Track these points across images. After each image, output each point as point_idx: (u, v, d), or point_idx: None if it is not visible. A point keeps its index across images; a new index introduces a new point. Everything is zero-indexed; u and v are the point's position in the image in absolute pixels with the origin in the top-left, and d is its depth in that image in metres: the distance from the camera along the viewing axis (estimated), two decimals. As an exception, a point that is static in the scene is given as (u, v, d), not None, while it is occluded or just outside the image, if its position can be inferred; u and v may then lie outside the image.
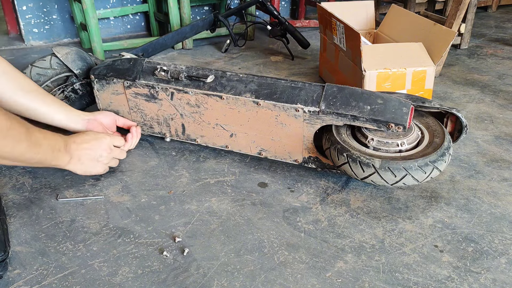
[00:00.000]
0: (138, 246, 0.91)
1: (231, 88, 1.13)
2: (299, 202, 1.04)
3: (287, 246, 0.90)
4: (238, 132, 1.18)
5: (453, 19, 1.85)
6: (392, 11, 1.74)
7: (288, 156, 1.16)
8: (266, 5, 2.09)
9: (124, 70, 1.24)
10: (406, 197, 1.05)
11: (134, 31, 2.61)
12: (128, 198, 1.06)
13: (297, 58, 2.11)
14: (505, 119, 1.44)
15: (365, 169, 0.97)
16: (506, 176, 1.13)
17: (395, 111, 1.01)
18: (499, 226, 0.95)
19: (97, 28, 2.02)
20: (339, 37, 1.52)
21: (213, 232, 0.94)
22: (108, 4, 2.48)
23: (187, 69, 1.19)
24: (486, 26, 2.61)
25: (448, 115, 1.13)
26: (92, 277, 0.83)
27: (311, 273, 0.83)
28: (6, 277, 0.83)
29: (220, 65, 2.04)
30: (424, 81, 1.39)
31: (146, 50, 1.72)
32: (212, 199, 1.06)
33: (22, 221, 0.98)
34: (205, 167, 1.19)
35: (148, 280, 0.82)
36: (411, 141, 1.03)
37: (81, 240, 0.92)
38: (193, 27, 1.95)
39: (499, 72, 1.87)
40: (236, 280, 0.82)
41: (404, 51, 1.42)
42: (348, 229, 0.95)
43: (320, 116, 1.05)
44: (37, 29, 2.39)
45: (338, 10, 1.62)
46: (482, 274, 0.83)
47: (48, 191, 1.09)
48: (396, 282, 0.81)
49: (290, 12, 3.04)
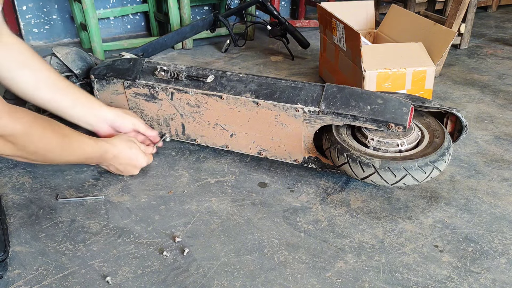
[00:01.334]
0: (138, 246, 0.91)
1: (231, 88, 1.13)
2: (299, 202, 1.04)
3: (287, 246, 0.90)
4: (238, 132, 1.18)
5: (453, 19, 1.85)
6: (392, 11, 1.74)
7: (288, 156, 1.16)
8: (266, 5, 2.08)
9: (124, 70, 1.24)
10: (406, 197, 1.05)
11: (134, 31, 2.61)
12: (128, 198, 1.06)
13: (297, 58, 2.11)
14: (505, 119, 1.44)
15: (365, 169, 0.97)
16: (506, 176, 1.13)
17: (395, 111, 1.01)
18: (499, 226, 0.95)
19: (97, 28, 2.02)
20: (339, 37, 1.52)
21: (213, 232, 0.94)
22: (108, 4, 2.48)
23: (187, 69, 1.19)
24: (486, 26, 2.61)
25: (448, 115, 1.13)
26: (92, 277, 0.83)
27: (311, 273, 0.83)
28: (6, 277, 0.83)
29: (220, 65, 2.04)
30: (424, 81, 1.39)
31: (146, 50, 1.72)
32: (212, 199, 1.06)
33: (22, 221, 0.98)
34: (205, 167, 1.19)
35: (148, 280, 0.82)
36: (411, 141, 1.03)
37: (81, 240, 0.92)
38: (193, 27, 1.95)
39: (499, 72, 1.87)
40: (236, 280, 0.82)
41: (404, 51, 1.42)
42: (348, 229, 0.95)
43: (320, 116, 1.05)
44: (37, 29, 2.39)
45: (338, 10, 1.62)
46: (482, 274, 0.83)
47: (48, 191, 1.09)
48: (396, 282, 0.81)
49: (290, 12, 3.04)
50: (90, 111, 1.12)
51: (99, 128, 1.14)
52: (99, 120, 1.13)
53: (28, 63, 1.03)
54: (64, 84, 1.09)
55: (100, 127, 1.14)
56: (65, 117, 1.11)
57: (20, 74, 1.03)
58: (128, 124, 1.16)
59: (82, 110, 1.11)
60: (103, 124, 1.14)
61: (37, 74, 1.05)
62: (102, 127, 1.14)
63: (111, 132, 1.16)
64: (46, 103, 1.08)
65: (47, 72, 1.07)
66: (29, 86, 1.04)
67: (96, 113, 1.12)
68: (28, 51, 1.04)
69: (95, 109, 1.12)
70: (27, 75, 1.03)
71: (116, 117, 1.14)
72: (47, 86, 1.07)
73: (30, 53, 1.04)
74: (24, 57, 1.03)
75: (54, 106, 1.09)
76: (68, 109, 1.10)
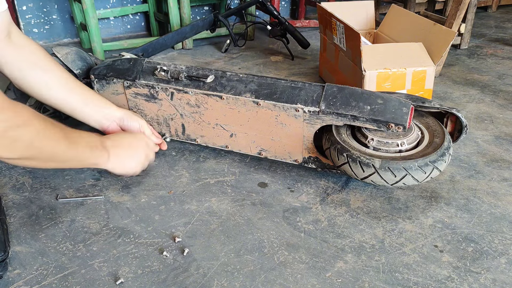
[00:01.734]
0: (138, 246, 0.91)
1: (231, 88, 1.13)
2: (299, 202, 1.04)
3: (287, 246, 0.90)
4: (238, 132, 1.18)
5: (453, 19, 1.85)
6: (392, 11, 1.74)
7: (288, 156, 1.16)
8: (266, 5, 2.08)
9: (124, 70, 1.24)
10: (406, 197, 1.05)
11: (134, 31, 2.61)
12: (128, 198, 1.06)
13: (297, 58, 2.11)
14: (505, 119, 1.44)
15: (365, 169, 0.97)
16: (506, 176, 1.13)
17: (395, 111, 1.01)
18: (499, 226, 0.95)
19: (97, 28, 2.02)
20: (339, 37, 1.52)
21: (213, 232, 0.94)
22: (108, 4, 2.48)
23: (187, 69, 1.19)
24: (486, 26, 2.61)
25: (448, 115, 1.13)
26: (92, 277, 0.83)
27: (311, 273, 0.83)
28: (6, 277, 0.83)
29: (220, 65, 2.04)
30: (424, 81, 1.39)
31: (146, 50, 1.72)
32: (212, 199, 1.06)
33: (22, 221, 0.98)
34: (205, 167, 1.19)
35: (148, 280, 0.82)
36: (411, 141, 1.03)
37: (81, 240, 0.92)
38: (193, 27, 1.95)
39: (499, 72, 1.87)
40: (236, 280, 0.82)
41: (404, 51, 1.42)
42: (348, 229, 0.95)
43: (320, 116, 1.05)
44: (37, 29, 2.39)
45: (338, 10, 1.62)
46: (482, 274, 0.83)
47: (48, 191, 1.09)
48: (396, 282, 0.81)
49: (290, 12, 3.04)
50: (100, 110, 1.13)
51: (108, 127, 1.15)
52: (108, 119, 1.14)
53: (39, 63, 1.04)
54: (75, 84, 1.10)
55: (108, 126, 1.14)
56: (76, 116, 1.12)
57: (31, 74, 1.03)
58: (135, 124, 1.16)
59: (92, 109, 1.12)
60: (112, 123, 1.14)
61: (49, 74, 1.05)
62: (110, 126, 1.15)
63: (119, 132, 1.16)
64: (58, 102, 1.09)
65: (58, 72, 1.08)
66: (41, 86, 1.05)
67: (106, 112, 1.13)
68: (39, 51, 1.04)
69: (104, 108, 1.13)
70: (39, 75, 1.04)
71: (124, 116, 1.15)
72: (58, 85, 1.07)
73: (42, 53, 1.05)
74: (35, 57, 1.03)
75: (66, 105, 1.10)
76: (78, 108, 1.11)
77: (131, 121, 1.16)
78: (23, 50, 1.02)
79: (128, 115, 1.16)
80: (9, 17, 0.98)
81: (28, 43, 1.03)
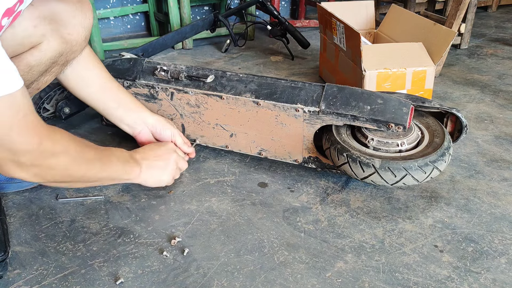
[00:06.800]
0: (138, 246, 0.91)
1: (231, 88, 1.13)
2: (299, 202, 1.04)
3: (287, 246, 0.90)
4: (238, 132, 1.18)
5: (453, 19, 1.85)
6: (392, 11, 1.74)
7: (288, 156, 1.16)
8: (266, 5, 2.08)
9: (124, 70, 1.24)
10: (406, 197, 1.05)
11: (134, 31, 2.61)
12: (128, 198, 1.06)
13: (297, 58, 2.11)
14: (505, 119, 1.44)
15: (365, 169, 0.97)
16: (506, 176, 1.13)
17: (395, 111, 1.01)
18: (499, 226, 0.95)
19: (97, 28, 2.02)
20: (339, 37, 1.52)
21: (213, 232, 0.94)
22: (108, 4, 2.48)
23: (187, 69, 1.19)
24: (486, 26, 2.61)
25: (448, 115, 1.13)
26: (92, 277, 0.83)
27: (311, 273, 0.83)
28: (6, 277, 0.83)
29: (220, 65, 2.04)
30: (424, 81, 1.39)
31: (146, 50, 1.71)
32: (212, 199, 1.06)
33: (22, 221, 0.98)
34: (205, 167, 1.19)
35: (148, 280, 0.82)
36: (411, 141, 1.03)
37: (81, 240, 0.92)
38: (193, 27, 1.95)
39: (499, 72, 1.87)
40: (236, 280, 0.82)
41: (404, 51, 1.42)
42: (348, 229, 0.95)
43: (320, 116, 1.05)
44: (37, 29, 2.39)
45: (338, 10, 1.62)
46: (482, 274, 0.83)
47: (48, 191, 1.09)
48: (396, 282, 0.81)
49: (290, 12, 3.04)
50: (132, 113, 1.12)
51: (139, 132, 1.13)
52: (140, 123, 1.12)
53: (80, 59, 1.03)
54: (112, 84, 1.10)
55: (140, 132, 1.13)
56: (108, 117, 1.12)
57: (73, 70, 1.03)
58: (167, 133, 1.14)
59: (125, 113, 1.11)
60: (143, 129, 1.13)
61: (90, 72, 1.06)
62: (142, 132, 1.13)
63: (151, 140, 1.14)
64: (94, 100, 1.09)
65: (98, 71, 1.08)
66: (81, 82, 1.06)
67: (138, 115, 1.12)
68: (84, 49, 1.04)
69: (137, 112, 1.12)
70: (80, 71, 1.04)
71: (157, 123, 1.13)
72: (97, 84, 1.08)
73: (86, 50, 1.04)
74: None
75: (100, 104, 1.10)
76: (111, 109, 1.11)
77: (164, 129, 1.13)
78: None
79: (161, 122, 1.14)
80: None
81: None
